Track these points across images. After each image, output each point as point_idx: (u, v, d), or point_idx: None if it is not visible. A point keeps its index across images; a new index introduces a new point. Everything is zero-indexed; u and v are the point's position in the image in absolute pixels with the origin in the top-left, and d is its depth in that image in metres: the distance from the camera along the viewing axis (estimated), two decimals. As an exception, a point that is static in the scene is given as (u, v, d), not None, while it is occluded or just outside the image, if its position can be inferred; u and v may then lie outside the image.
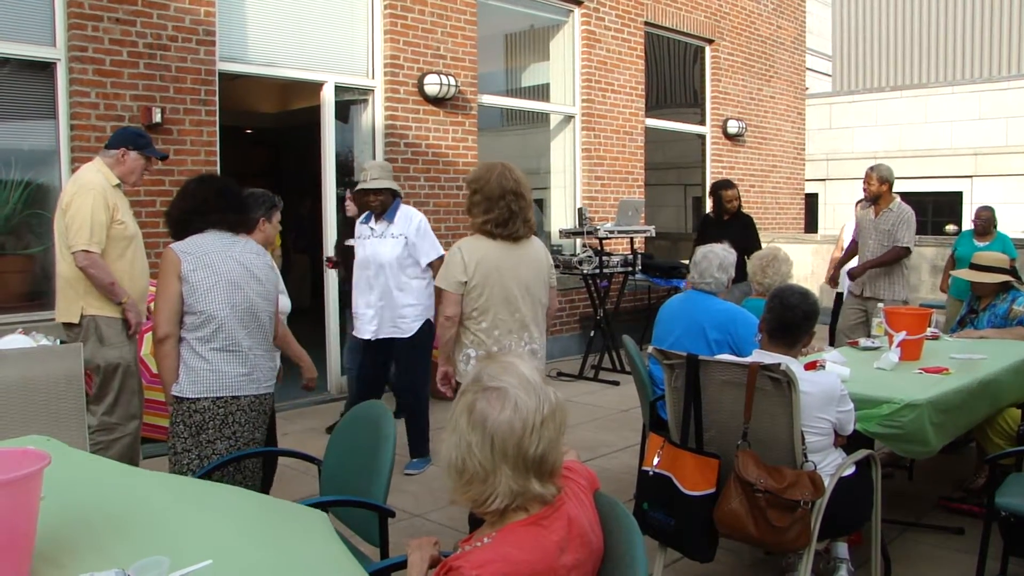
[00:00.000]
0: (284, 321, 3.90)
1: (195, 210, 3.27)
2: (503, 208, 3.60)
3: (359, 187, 5.21)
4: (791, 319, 3.34)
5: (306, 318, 7.49)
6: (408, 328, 5.18)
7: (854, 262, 6.71)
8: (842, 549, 3.47)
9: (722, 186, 7.87)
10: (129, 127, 5.15)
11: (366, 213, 5.36)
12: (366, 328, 5.25)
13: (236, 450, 3.12)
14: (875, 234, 6.34)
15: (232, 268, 3.19)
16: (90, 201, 4.12)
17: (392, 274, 5.14)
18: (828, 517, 3.05)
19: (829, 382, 3.25)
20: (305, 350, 3.94)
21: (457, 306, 3.63)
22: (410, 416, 5.33)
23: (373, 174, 5.17)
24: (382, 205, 5.17)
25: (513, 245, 3.66)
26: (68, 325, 4.28)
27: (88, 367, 4.12)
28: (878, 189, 6.30)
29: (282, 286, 4.02)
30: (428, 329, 5.23)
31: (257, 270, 3.28)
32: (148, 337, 4.83)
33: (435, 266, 5.15)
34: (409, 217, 5.21)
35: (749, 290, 5.52)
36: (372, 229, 5.25)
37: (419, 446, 5.30)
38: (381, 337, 5.23)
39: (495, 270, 3.59)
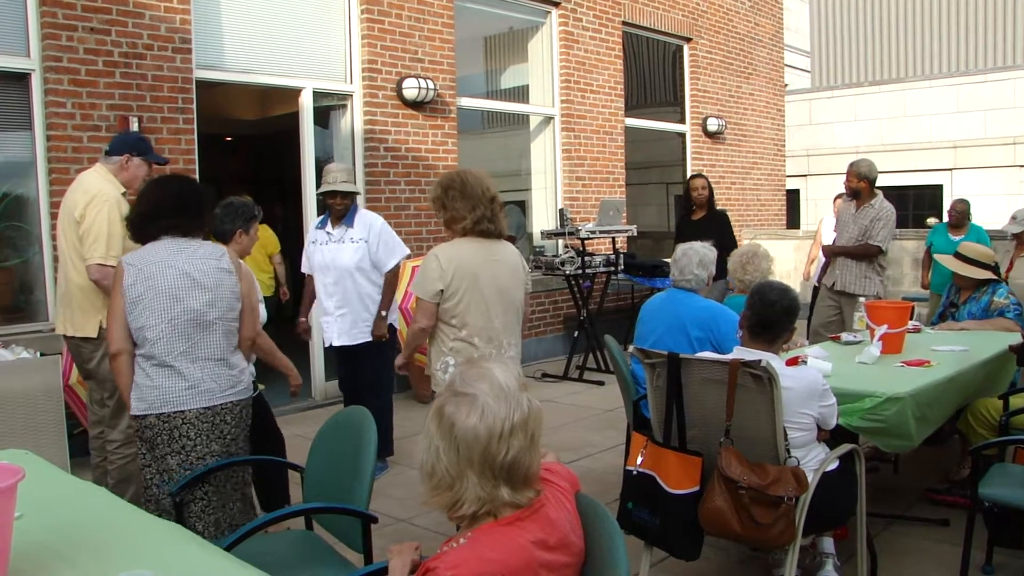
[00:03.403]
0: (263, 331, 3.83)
1: (147, 215, 3.17)
2: (486, 206, 3.58)
3: (325, 188, 5.10)
4: (771, 315, 3.34)
5: (287, 324, 7.47)
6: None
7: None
8: (828, 544, 3.48)
9: (691, 178, 7.95)
10: (130, 133, 5.19)
11: (322, 217, 5.31)
12: (329, 336, 5.23)
13: (188, 464, 3.05)
14: (854, 227, 6.31)
15: (172, 280, 3.06)
16: (107, 212, 4.00)
17: (353, 280, 5.07)
18: (813, 512, 3.06)
19: (811, 377, 3.26)
20: (288, 357, 3.90)
21: (432, 317, 3.60)
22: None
23: (341, 176, 5.06)
24: (346, 209, 5.10)
25: (492, 248, 3.63)
26: (84, 339, 4.13)
27: (108, 381, 4.00)
28: (857, 185, 6.25)
29: (260, 296, 3.93)
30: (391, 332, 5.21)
31: (204, 276, 3.11)
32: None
33: (401, 265, 5.15)
34: (369, 222, 5.12)
35: (725, 288, 5.52)
36: (329, 234, 5.15)
37: (380, 449, 5.22)
38: (345, 344, 5.16)
39: (474, 277, 3.55)
